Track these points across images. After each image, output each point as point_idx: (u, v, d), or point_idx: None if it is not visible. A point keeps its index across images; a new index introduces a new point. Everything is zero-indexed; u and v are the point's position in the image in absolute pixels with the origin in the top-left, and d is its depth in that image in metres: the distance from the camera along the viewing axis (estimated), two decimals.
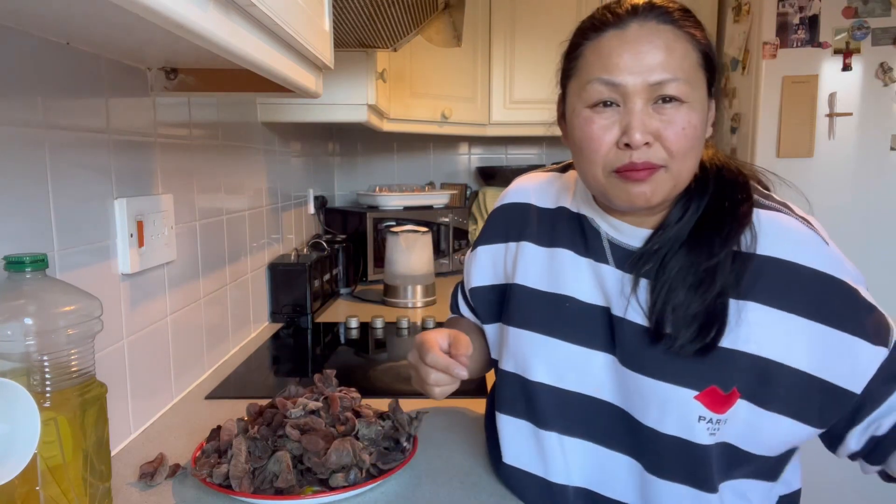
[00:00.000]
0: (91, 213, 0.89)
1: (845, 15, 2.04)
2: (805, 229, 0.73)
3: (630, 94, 0.69)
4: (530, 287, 0.83)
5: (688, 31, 0.72)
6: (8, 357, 0.62)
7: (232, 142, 1.44)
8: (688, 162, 0.71)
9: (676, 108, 0.69)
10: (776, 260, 0.70)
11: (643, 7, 0.71)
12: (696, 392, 0.70)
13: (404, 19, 1.25)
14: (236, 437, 0.84)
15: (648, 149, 0.70)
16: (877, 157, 2.07)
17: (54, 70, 0.81)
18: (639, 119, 0.69)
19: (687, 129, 0.69)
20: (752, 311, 0.70)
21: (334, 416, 0.90)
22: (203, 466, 0.84)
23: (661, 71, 0.69)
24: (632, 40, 0.70)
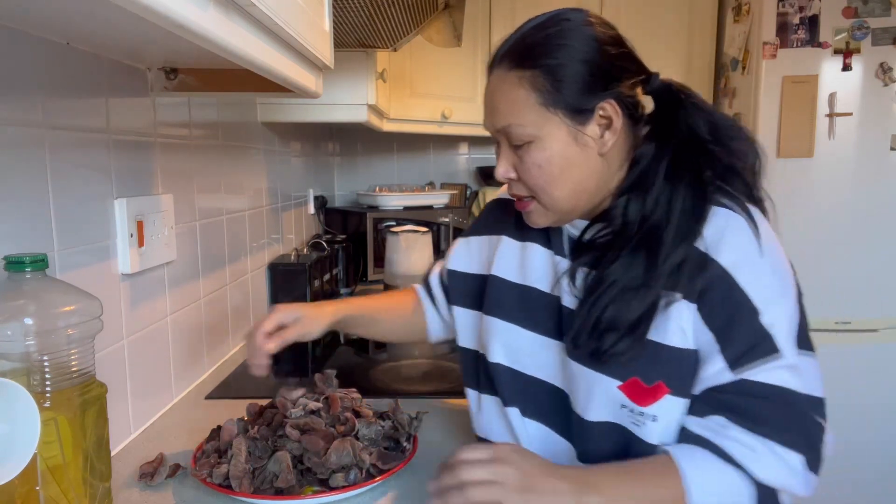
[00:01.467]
0: (91, 213, 0.89)
1: (845, 15, 2.04)
2: (749, 236, 0.71)
3: (495, 137, 0.80)
4: (504, 279, 0.89)
5: (532, 69, 0.74)
6: (8, 357, 0.62)
7: (232, 142, 1.44)
8: (554, 192, 0.76)
9: (526, 149, 0.76)
10: (711, 260, 0.70)
11: (499, 55, 0.78)
12: (620, 382, 0.73)
13: (404, 19, 1.25)
14: (236, 438, 0.84)
15: (515, 182, 0.80)
16: (877, 157, 2.07)
17: (54, 70, 0.81)
18: (499, 160, 0.80)
19: (533, 168, 0.76)
20: (679, 304, 0.70)
21: (334, 417, 0.90)
22: (203, 466, 0.84)
23: (502, 119, 0.77)
24: (489, 90, 0.79)
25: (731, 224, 0.71)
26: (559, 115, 0.74)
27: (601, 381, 0.74)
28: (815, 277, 2.11)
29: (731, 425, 0.68)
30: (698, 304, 0.70)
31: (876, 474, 2.13)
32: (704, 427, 0.70)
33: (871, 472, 2.12)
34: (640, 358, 0.71)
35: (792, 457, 0.67)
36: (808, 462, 0.68)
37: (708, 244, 0.70)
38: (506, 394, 0.85)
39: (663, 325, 0.71)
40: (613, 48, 0.76)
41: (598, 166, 0.76)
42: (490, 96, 0.78)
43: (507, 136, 0.77)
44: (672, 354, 0.71)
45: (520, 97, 0.74)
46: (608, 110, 0.74)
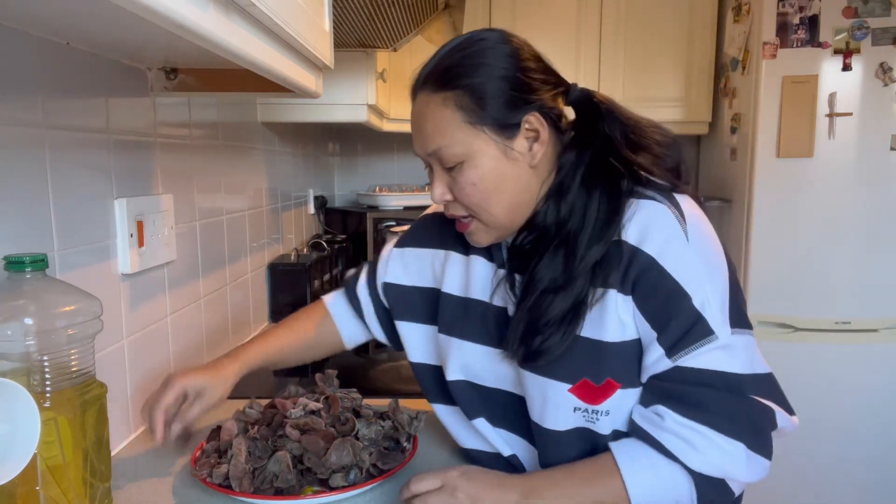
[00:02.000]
0: (91, 213, 0.89)
1: (845, 15, 2.04)
2: (673, 223, 0.71)
3: (426, 161, 0.80)
4: (452, 294, 0.89)
5: (452, 89, 0.75)
6: (8, 357, 0.62)
7: (232, 142, 1.44)
8: (492, 209, 0.77)
9: (458, 169, 0.76)
10: (638, 250, 0.71)
11: (421, 80, 0.79)
12: (570, 385, 0.74)
13: (404, 19, 1.25)
14: (236, 438, 0.84)
15: (452, 204, 0.80)
16: (877, 157, 2.07)
17: (54, 70, 0.81)
18: (433, 183, 0.79)
19: (467, 188, 0.76)
20: (613, 298, 0.71)
21: (335, 417, 0.89)
22: (203, 466, 0.84)
23: (430, 143, 0.77)
24: (413, 116, 0.80)
25: (654, 213, 0.72)
26: (486, 131, 0.75)
27: (552, 386, 0.75)
28: (815, 277, 2.11)
29: (670, 414, 0.70)
30: (633, 295, 0.71)
31: (876, 474, 2.13)
32: (645, 419, 0.72)
33: (871, 471, 2.12)
34: (576, 356, 0.73)
35: (731, 444, 0.68)
36: (750, 447, 0.69)
37: (634, 236, 0.71)
38: (468, 407, 0.86)
39: (600, 321, 0.72)
40: (532, 62, 0.77)
41: (530, 178, 0.78)
42: (416, 121, 0.79)
43: (439, 158, 0.77)
44: (614, 349, 0.72)
45: (445, 117, 0.75)
46: (533, 123, 0.76)
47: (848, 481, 2.12)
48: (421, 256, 0.95)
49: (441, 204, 0.81)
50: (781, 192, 2.11)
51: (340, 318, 1.05)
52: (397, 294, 0.97)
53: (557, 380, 0.74)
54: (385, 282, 0.98)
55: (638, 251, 0.71)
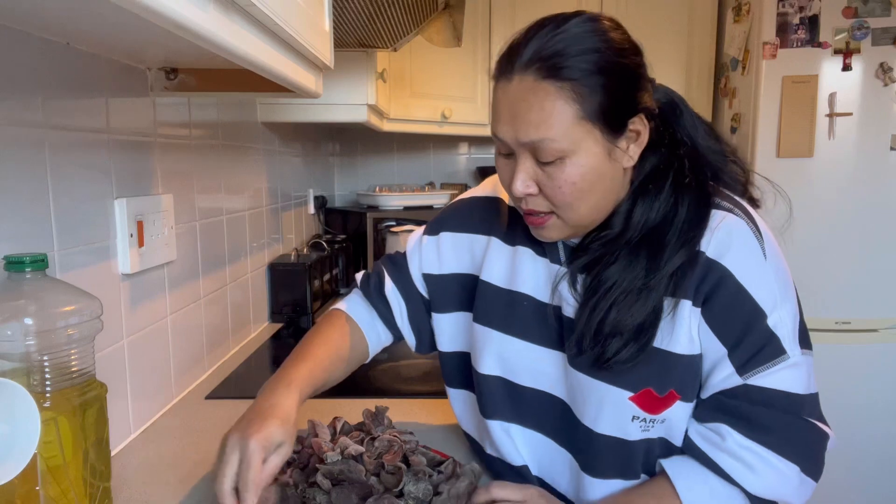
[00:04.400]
0: (91, 213, 0.89)
1: (845, 15, 2.04)
2: (752, 240, 0.71)
3: (514, 149, 0.72)
4: (493, 284, 0.85)
5: (571, 79, 0.67)
6: (8, 357, 0.62)
7: (232, 142, 1.44)
8: (579, 209, 0.72)
9: (558, 165, 0.70)
10: (716, 264, 0.70)
11: (527, 59, 0.69)
12: (632, 393, 0.72)
13: (404, 19, 1.25)
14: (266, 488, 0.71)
15: (534, 198, 0.73)
16: (877, 157, 2.07)
17: (54, 70, 0.81)
18: (519, 174, 0.72)
19: (564, 186, 0.70)
20: (686, 309, 0.70)
21: (379, 464, 0.77)
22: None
23: (533, 132, 0.69)
24: (510, 98, 0.71)
25: (735, 228, 0.71)
26: (597, 129, 0.69)
27: (611, 392, 0.73)
28: (815, 277, 2.11)
29: (732, 434, 0.69)
30: (703, 308, 0.70)
31: (875, 474, 2.13)
32: (704, 438, 0.71)
33: (871, 471, 2.12)
34: (643, 365, 0.71)
35: (788, 467, 0.68)
36: (804, 470, 0.69)
37: (712, 248, 0.70)
38: (492, 404, 0.83)
39: (671, 332, 0.70)
40: (642, 59, 0.73)
41: (620, 179, 0.74)
42: (515, 106, 0.70)
43: (537, 149, 0.70)
44: (682, 362, 0.71)
45: (557, 109, 0.68)
46: (637, 123, 0.72)
47: (848, 481, 2.12)
48: (459, 241, 0.91)
49: (520, 196, 0.73)
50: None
51: (366, 325, 0.95)
52: (435, 284, 0.92)
53: (619, 387, 0.72)
54: (424, 273, 0.93)
55: (716, 264, 0.69)
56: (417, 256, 0.94)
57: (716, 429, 0.70)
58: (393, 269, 0.96)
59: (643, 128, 0.72)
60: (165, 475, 0.88)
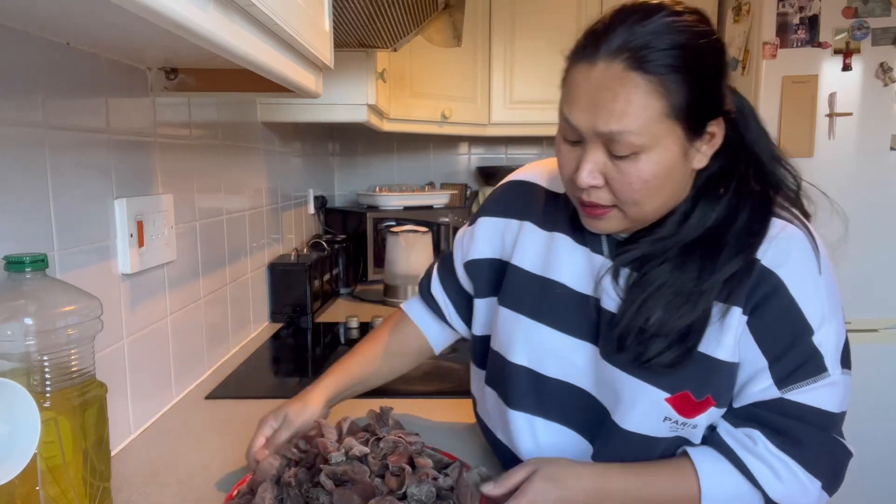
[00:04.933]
0: (91, 213, 0.89)
1: (845, 15, 2.04)
2: (809, 253, 0.70)
3: (586, 137, 0.68)
4: (525, 269, 0.83)
5: (657, 77, 0.65)
6: (8, 357, 0.62)
7: (232, 142, 1.44)
8: (644, 206, 0.70)
9: (631, 160, 0.67)
10: (771, 274, 0.69)
11: (616, 47, 0.65)
12: (669, 394, 0.71)
13: (404, 19, 1.25)
14: (263, 484, 0.74)
15: (597, 190, 0.70)
16: (877, 157, 2.07)
17: (54, 70, 0.81)
18: (586, 163, 0.68)
19: (635, 182, 0.68)
20: (735, 317, 0.69)
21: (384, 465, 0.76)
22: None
23: (614, 123, 0.65)
24: (594, 83, 0.66)
25: (795, 240, 0.70)
26: (679, 128, 0.67)
27: (647, 392, 0.71)
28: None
29: (763, 440, 0.69)
30: (750, 317, 0.69)
31: (876, 474, 2.13)
32: (735, 439, 0.71)
33: (871, 471, 2.12)
34: (684, 367, 0.69)
35: (812, 483, 0.69)
36: (825, 486, 0.70)
37: (769, 258, 0.69)
38: (516, 396, 0.82)
39: (717, 337, 0.69)
40: (724, 58, 0.70)
41: (688, 179, 0.72)
42: (595, 92, 0.66)
43: (612, 141, 0.67)
44: (724, 368, 0.70)
45: (642, 103, 0.65)
46: (714, 126, 0.70)
47: (848, 481, 2.12)
48: (495, 226, 0.89)
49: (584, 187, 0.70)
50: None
51: (421, 320, 1.00)
52: (472, 269, 0.91)
53: (657, 387, 0.71)
54: (465, 262, 0.93)
55: (770, 274, 0.68)
56: (459, 249, 0.95)
57: (748, 433, 0.70)
58: (441, 266, 0.99)
59: (719, 130, 0.71)
60: (165, 475, 0.88)
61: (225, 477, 0.88)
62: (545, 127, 2.36)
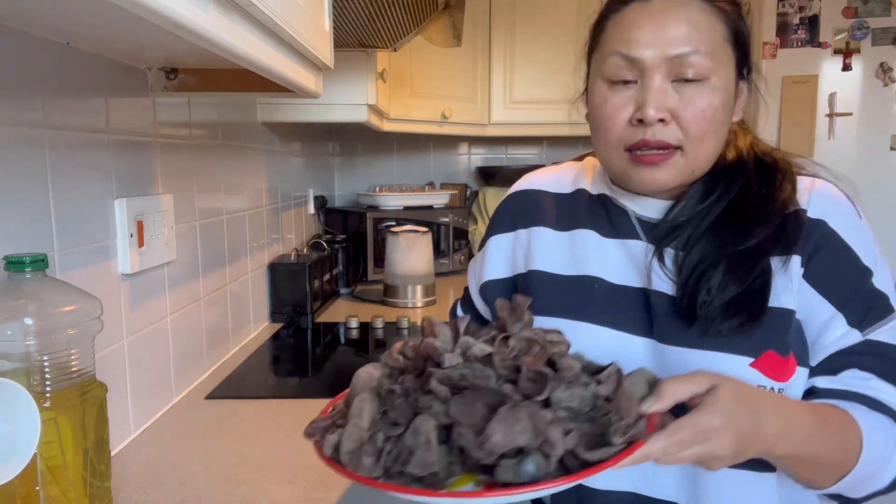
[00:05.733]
0: (91, 213, 0.89)
1: (845, 15, 2.04)
2: (847, 201, 0.72)
3: (648, 69, 0.67)
4: (550, 272, 0.79)
5: (717, 4, 0.68)
6: (8, 357, 0.62)
7: (232, 142, 1.44)
8: (706, 145, 0.69)
9: (698, 87, 0.66)
10: (820, 222, 0.69)
11: None
12: (752, 359, 0.66)
13: (404, 19, 1.25)
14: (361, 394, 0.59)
15: (664, 126, 0.67)
16: (877, 157, 2.07)
17: (54, 70, 0.81)
18: (654, 94, 0.66)
19: (707, 110, 0.67)
20: (796, 266, 0.69)
21: (513, 368, 0.59)
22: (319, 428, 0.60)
23: (683, 44, 0.66)
24: (655, 12, 0.67)
25: (830, 190, 0.72)
26: (734, 58, 0.69)
27: (725, 362, 0.66)
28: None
29: (872, 377, 0.67)
30: (805, 268, 0.69)
31: None
32: (844, 383, 0.68)
33: None
34: (759, 326, 0.66)
35: None
36: None
37: (814, 208, 0.70)
38: None
39: (786, 288, 0.68)
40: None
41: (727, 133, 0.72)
42: (659, 19, 0.66)
43: (682, 65, 0.66)
44: (794, 319, 0.68)
45: (707, 23, 0.67)
46: (743, 84, 0.73)
47: None
48: (504, 243, 0.86)
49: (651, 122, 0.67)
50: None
51: None
52: (492, 291, 0.87)
53: (737, 353, 0.66)
54: (481, 284, 0.88)
55: (820, 223, 0.69)
56: (473, 277, 0.94)
57: (853, 374, 0.68)
58: (462, 299, 0.99)
59: (746, 90, 0.73)
60: (165, 475, 0.88)
61: (224, 476, 0.88)
62: (545, 127, 2.36)
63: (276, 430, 1.02)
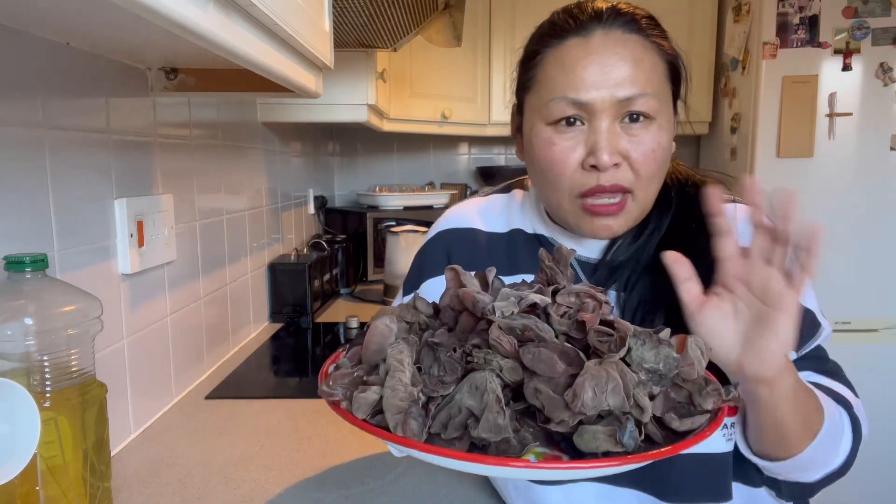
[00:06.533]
0: (91, 213, 0.89)
1: (845, 15, 2.04)
2: None
3: (597, 112, 0.64)
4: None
5: (654, 40, 0.67)
6: (8, 357, 0.62)
7: (232, 142, 1.44)
8: (653, 186, 0.68)
9: (645, 126, 0.65)
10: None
11: (608, 13, 0.66)
12: None
13: (404, 19, 1.25)
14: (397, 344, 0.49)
15: (616, 170, 0.65)
16: (877, 157, 2.07)
17: (54, 70, 0.81)
18: (605, 139, 0.64)
19: (657, 151, 0.65)
20: None
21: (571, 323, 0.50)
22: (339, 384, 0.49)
23: (630, 86, 0.63)
24: (597, 51, 0.64)
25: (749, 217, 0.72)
26: (671, 95, 0.68)
27: None
28: (815, 277, 2.11)
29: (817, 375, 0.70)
30: None
31: (876, 474, 2.13)
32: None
33: (872, 472, 2.12)
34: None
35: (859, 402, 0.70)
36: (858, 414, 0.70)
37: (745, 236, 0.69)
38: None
39: None
40: None
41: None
42: (601, 59, 0.64)
43: (630, 107, 0.64)
44: None
45: (651, 62, 0.65)
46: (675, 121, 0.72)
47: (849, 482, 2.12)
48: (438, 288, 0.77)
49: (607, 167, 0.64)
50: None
51: None
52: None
53: None
54: None
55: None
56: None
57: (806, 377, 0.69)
58: None
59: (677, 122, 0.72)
60: (165, 475, 0.88)
61: (224, 476, 0.88)
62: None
63: (276, 430, 1.02)
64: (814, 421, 0.63)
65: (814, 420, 0.63)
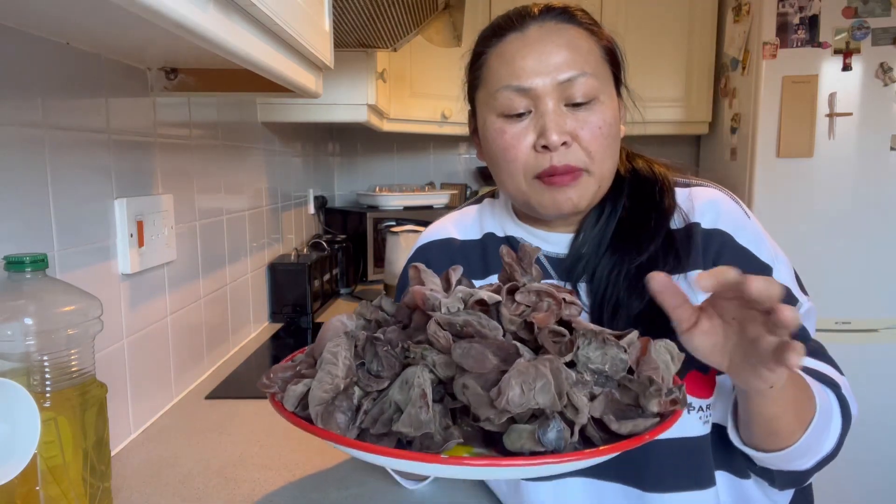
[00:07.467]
0: (91, 213, 0.89)
1: (845, 15, 2.04)
2: (730, 202, 0.74)
3: (541, 97, 0.68)
4: None
5: (588, 28, 0.72)
6: (8, 357, 0.62)
7: (232, 142, 1.44)
8: (607, 162, 0.71)
9: (589, 108, 0.69)
10: (717, 231, 0.71)
11: (541, 10, 0.72)
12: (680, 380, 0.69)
13: (404, 19, 1.25)
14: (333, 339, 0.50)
15: (567, 150, 0.68)
16: (877, 157, 2.07)
17: (54, 70, 0.81)
18: (552, 120, 0.68)
19: (603, 127, 0.69)
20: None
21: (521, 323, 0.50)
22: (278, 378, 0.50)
23: (568, 68, 0.68)
24: (534, 41, 0.69)
25: (714, 196, 0.74)
26: (611, 75, 0.72)
27: None
28: (814, 277, 2.11)
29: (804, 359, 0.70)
30: None
31: (876, 474, 2.13)
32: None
33: (872, 471, 2.12)
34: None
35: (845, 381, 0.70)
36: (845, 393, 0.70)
37: (704, 217, 0.72)
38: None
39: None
40: None
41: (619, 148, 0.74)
42: (539, 48, 0.68)
43: (571, 89, 0.67)
44: None
45: (585, 45, 0.70)
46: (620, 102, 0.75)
47: (849, 482, 2.12)
48: None
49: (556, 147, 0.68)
50: (781, 192, 2.11)
51: None
52: None
53: None
54: None
55: (714, 231, 0.71)
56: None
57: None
58: None
59: (623, 108, 0.75)
60: (165, 475, 0.88)
61: (224, 476, 0.88)
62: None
63: (276, 430, 1.02)
64: (806, 411, 0.63)
65: (806, 410, 0.64)
